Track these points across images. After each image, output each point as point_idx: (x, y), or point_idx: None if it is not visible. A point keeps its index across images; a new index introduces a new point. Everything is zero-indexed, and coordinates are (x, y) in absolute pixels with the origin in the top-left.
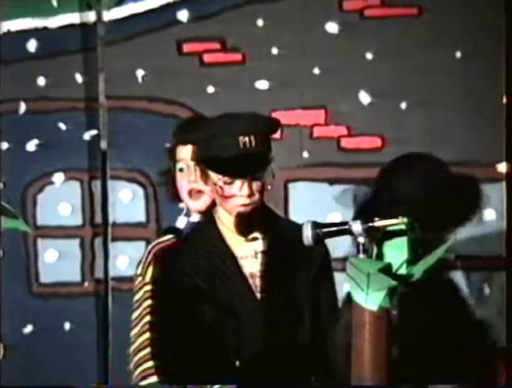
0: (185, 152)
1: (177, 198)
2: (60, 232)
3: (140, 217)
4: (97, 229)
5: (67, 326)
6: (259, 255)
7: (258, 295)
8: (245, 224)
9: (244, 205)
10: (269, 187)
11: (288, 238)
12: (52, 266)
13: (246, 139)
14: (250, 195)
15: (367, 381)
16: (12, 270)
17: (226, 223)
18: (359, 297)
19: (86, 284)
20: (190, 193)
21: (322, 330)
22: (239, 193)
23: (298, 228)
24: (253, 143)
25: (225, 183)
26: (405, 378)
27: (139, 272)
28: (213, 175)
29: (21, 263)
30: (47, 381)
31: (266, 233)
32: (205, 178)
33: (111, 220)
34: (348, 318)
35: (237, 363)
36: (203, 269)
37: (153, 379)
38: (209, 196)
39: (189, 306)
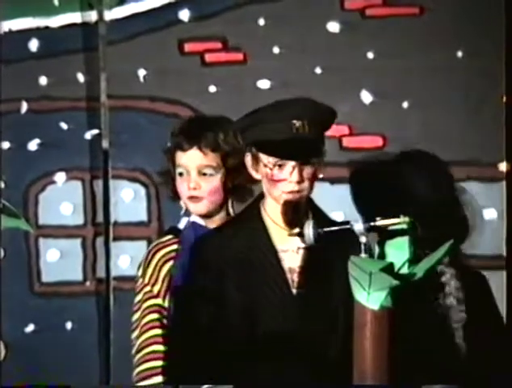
0: (185, 158)
1: (177, 197)
2: (62, 231)
3: (142, 216)
4: (98, 229)
5: (69, 325)
6: (301, 251)
7: (294, 291)
8: (291, 213)
9: (292, 192)
10: (320, 176)
11: (329, 235)
12: (54, 265)
13: (299, 123)
14: (300, 181)
15: (368, 380)
16: (14, 269)
17: (272, 214)
18: (361, 297)
19: (88, 283)
20: (190, 198)
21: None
22: (289, 178)
23: (338, 225)
24: (307, 128)
25: (275, 165)
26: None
27: (139, 273)
28: (264, 158)
29: (23, 263)
30: (48, 381)
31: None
32: (256, 164)
33: (112, 219)
34: None
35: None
36: (241, 259)
37: (157, 379)
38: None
39: (221, 295)
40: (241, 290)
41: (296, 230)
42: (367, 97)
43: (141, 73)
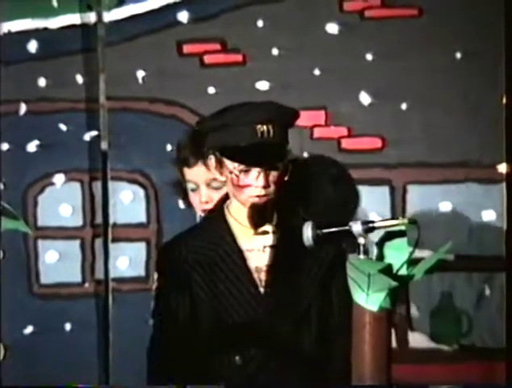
0: (192, 174)
1: (192, 207)
2: (61, 233)
3: (141, 217)
4: (97, 230)
5: (67, 326)
6: (267, 249)
7: (262, 289)
8: (257, 216)
9: (258, 196)
10: (285, 179)
11: (299, 235)
12: (53, 267)
13: (264, 128)
14: (266, 186)
15: (367, 381)
16: (13, 271)
17: (236, 215)
18: (360, 298)
19: (87, 284)
20: (204, 211)
21: (327, 333)
22: (255, 183)
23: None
24: (271, 133)
25: (241, 171)
26: None
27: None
28: (229, 164)
29: (22, 264)
30: (47, 382)
31: (277, 227)
32: (220, 167)
33: (111, 221)
34: None
35: (237, 358)
36: (207, 260)
37: None
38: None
39: (189, 298)
40: (208, 291)
41: (262, 229)
42: (365, 98)
43: (140, 74)
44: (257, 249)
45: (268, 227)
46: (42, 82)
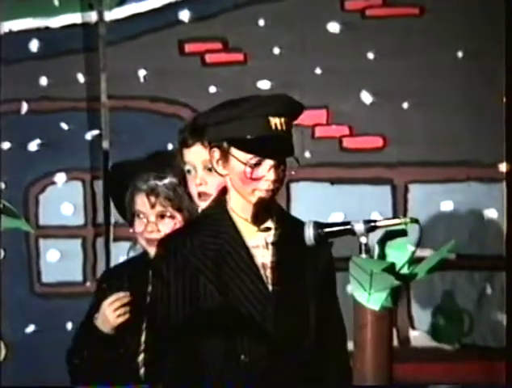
0: (190, 154)
1: (191, 198)
2: (62, 232)
3: None
4: (99, 229)
5: (69, 325)
6: (270, 246)
7: (270, 287)
8: (261, 212)
9: (267, 190)
10: (293, 173)
11: (296, 231)
12: (54, 266)
13: (277, 121)
14: (275, 180)
15: (368, 380)
16: (14, 270)
17: (239, 211)
18: (362, 297)
19: (88, 283)
20: (199, 195)
21: (326, 330)
22: (266, 177)
23: (301, 223)
24: (284, 126)
25: (253, 164)
26: None
27: None
28: (241, 156)
29: (23, 263)
30: (48, 381)
31: (277, 224)
32: (225, 161)
33: (112, 220)
34: None
35: (243, 357)
36: (214, 256)
37: None
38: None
39: (196, 292)
40: (218, 284)
41: (265, 225)
42: (367, 97)
43: (141, 73)
44: (261, 245)
45: (270, 223)
46: (43, 81)
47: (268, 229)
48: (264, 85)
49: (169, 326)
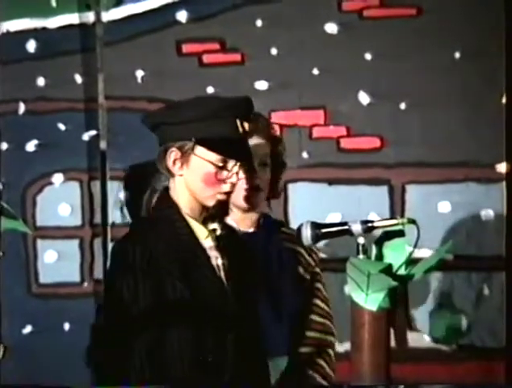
0: None
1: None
2: (60, 232)
3: None
4: (96, 230)
5: (66, 326)
6: (219, 248)
7: (227, 287)
8: (213, 215)
9: (227, 193)
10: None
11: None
12: (52, 266)
13: (244, 124)
14: (235, 184)
15: (366, 380)
16: (12, 270)
17: (188, 212)
18: (359, 298)
19: (86, 284)
20: (254, 189)
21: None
22: (230, 179)
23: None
24: (246, 129)
25: (219, 166)
26: None
27: None
28: (209, 156)
29: (21, 264)
30: (46, 382)
31: (221, 225)
32: (183, 161)
33: (110, 220)
34: None
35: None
36: (177, 256)
37: None
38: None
39: (163, 290)
40: (184, 283)
41: (212, 227)
42: (364, 98)
43: (139, 74)
44: (213, 247)
45: (215, 225)
46: (41, 81)
47: (214, 230)
48: (261, 85)
49: (137, 323)
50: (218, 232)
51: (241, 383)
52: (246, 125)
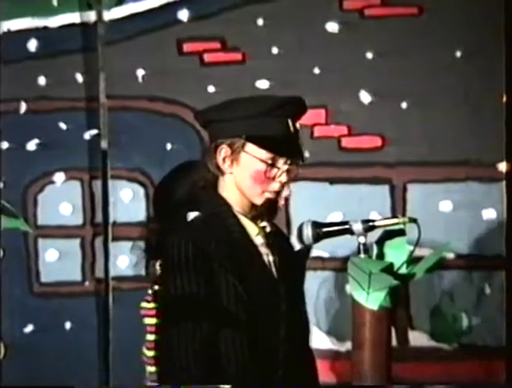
0: None
1: None
2: (61, 232)
3: (141, 216)
4: (97, 229)
5: (68, 325)
6: (270, 245)
7: (280, 284)
8: (262, 213)
9: (276, 192)
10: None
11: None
12: (53, 265)
13: (294, 123)
14: (285, 183)
15: (367, 380)
16: (13, 269)
17: (238, 209)
18: (360, 297)
19: (87, 283)
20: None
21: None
22: (280, 177)
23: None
24: (297, 128)
25: (270, 163)
26: None
27: None
28: (259, 153)
29: (22, 263)
30: (47, 381)
31: (270, 223)
32: (233, 158)
33: (111, 219)
34: None
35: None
36: (230, 253)
37: None
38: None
39: (216, 286)
40: (238, 278)
41: (262, 225)
42: (365, 97)
43: (140, 73)
44: (264, 244)
45: (264, 223)
46: (42, 80)
47: (264, 228)
48: (262, 84)
49: (192, 320)
50: (268, 229)
51: (293, 379)
52: (298, 125)
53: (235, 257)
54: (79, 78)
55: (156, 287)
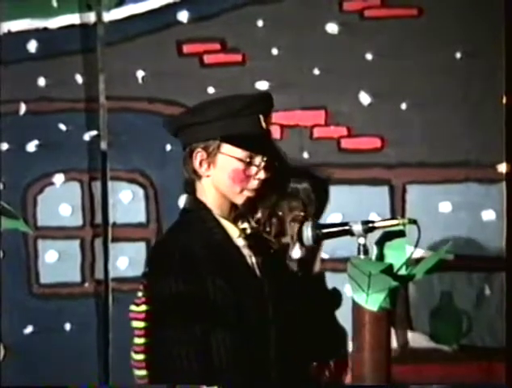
0: None
1: None
2: (61, 233)
3: (141, 217)
4: (97, 230)
5: (67, 326)
6: (250, 247)
7: (266, 286)
8: (241, 213)
9: (255, 190)
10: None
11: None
12: (53, 266)
13: (264, 119)
14: (264, 180)
15: (367, 381)
16: (12, 271)
17: (217, 211)
18: (360, 298)
19: (87, 284)
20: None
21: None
22: (258, 175)
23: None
24: (267, 124)
25: (246, 162)
26: None
27: None
28: (236, 153)
29: (21, 264)
30: (47, 382)
31: (250, 223)
32: (210, 161)
33: (111, 220)
34: None
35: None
36: (211, 258)
37: None
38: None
39: (203, 288)
40: (226, 280)
41: (243, 226)
42: (365, 98)
43: (140, 74)
44: (246, 245)
45: (245, 224)
46: (42, 81)
47: (245, 230)
48: (262, 86)
49: (182, 323)
50: (248, 231)
51: (286, 380)
52: (269, 120)
53: (219, 260)
54: (79, 79)
55: (145, 290)
